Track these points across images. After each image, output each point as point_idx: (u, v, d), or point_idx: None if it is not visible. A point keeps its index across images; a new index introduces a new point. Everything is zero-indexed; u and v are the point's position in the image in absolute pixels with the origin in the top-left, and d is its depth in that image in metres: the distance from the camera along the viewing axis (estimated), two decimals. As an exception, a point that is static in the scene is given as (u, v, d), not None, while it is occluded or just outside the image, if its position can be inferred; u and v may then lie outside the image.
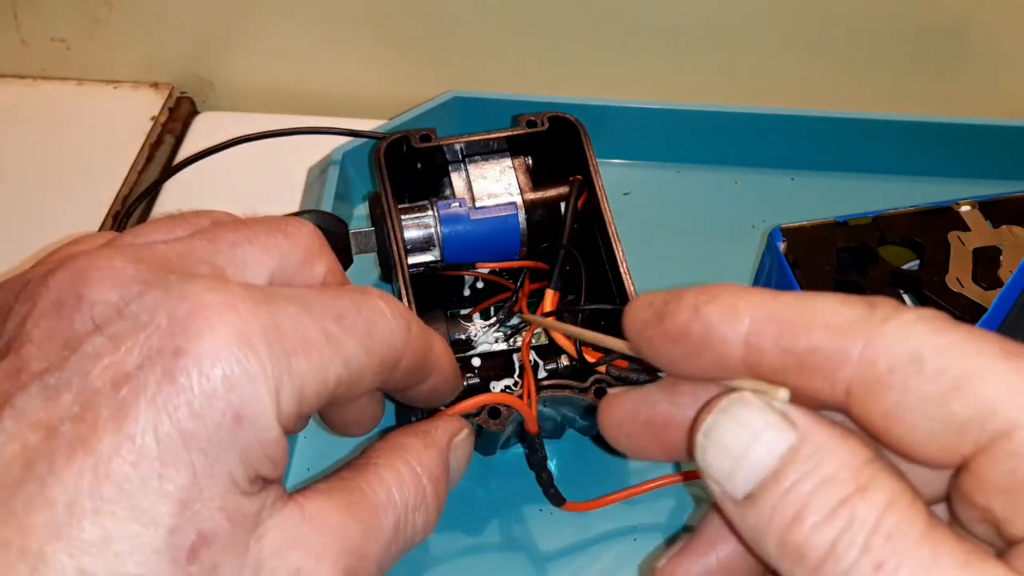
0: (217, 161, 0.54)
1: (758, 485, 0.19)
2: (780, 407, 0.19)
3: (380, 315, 0.24)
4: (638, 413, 0.23)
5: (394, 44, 0.66)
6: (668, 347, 0.21)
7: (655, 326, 0.21)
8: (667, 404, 0.23)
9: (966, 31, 0.63)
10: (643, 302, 0.22)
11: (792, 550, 0.18)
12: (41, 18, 0.66)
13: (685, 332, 0.21)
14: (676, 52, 0.64)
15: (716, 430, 0.20)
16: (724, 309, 0.20)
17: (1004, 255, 0.42)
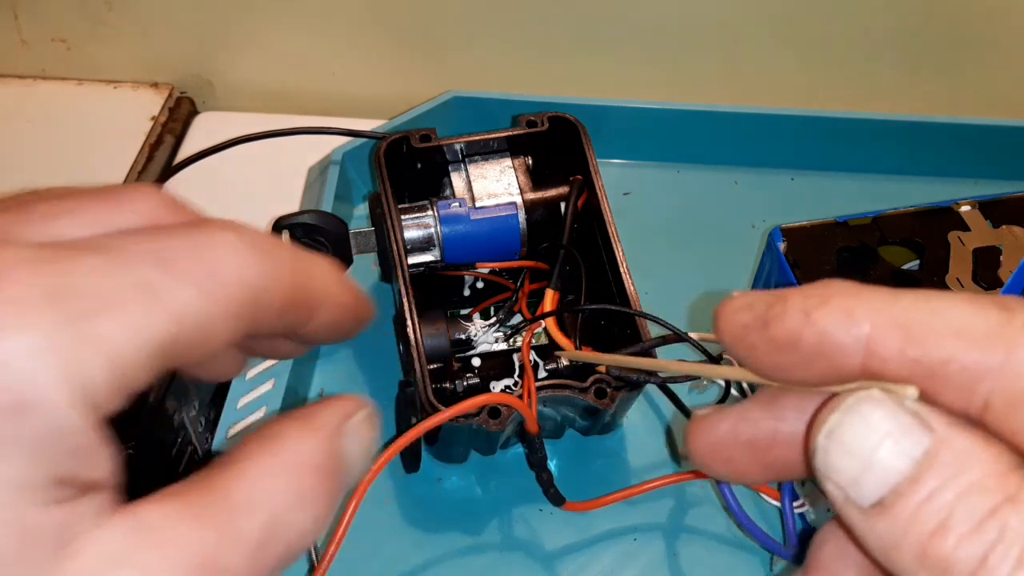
0: (217, 161, 0.54)
1: (891, 492, 0.17)
2: (912, 407, 0.17)
3: (226, 250, 0.20)
4: (738, 433, 0.21)
5: (394, 44, 0.66)
6: (774, 355, 0.19)
7: (758, 332, 0.19)
8: (771, 420, 0.21)
9: (966, 31, 0.63)
10: (741, 303, 0.20)
11: (935, 563, 0.16)
12: (41, 18, 0.66)
13: (795, 340, 0.19)
14: (676, 52, 0.64)
15: (841, 430, 0.18)
16: (839, 314, 0.18)
17: (1004, 255, 0.42)
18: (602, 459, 0.46)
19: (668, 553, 0.42)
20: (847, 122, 0.58)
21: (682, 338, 0.40)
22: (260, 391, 0.43)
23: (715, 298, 0.52)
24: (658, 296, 0.50)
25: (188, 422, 0.41)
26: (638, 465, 0.45)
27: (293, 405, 0.45)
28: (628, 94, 0.60)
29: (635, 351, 0.40)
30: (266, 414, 0.41)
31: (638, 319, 0.41)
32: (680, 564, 0.42)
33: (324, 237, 0.44)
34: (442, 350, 0.43)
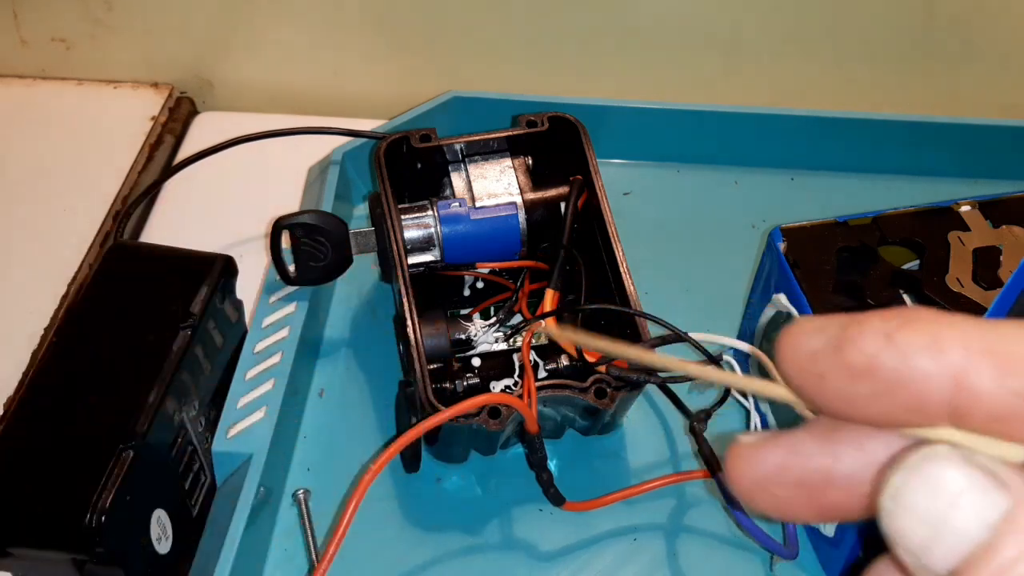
0: (217, 161, 0.54)
1: (965, 561, 0.15)
2: (985, 463, 0.16)
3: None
4: (788, 469, 0.19)
5: (394, 44, 0.66)
6: (847, 384, 0.17)
7: (830, 357, 0.17)
8: (825, 456, 0.18)
9: (966, 31, 0.62)
10: (810, 327, 0.18)
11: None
12: (41, 18, 0.66)
13: (873, 365, 0.16)
14: (676, 52, 0.64)
15: (907, 493, 0.16)
16: (925, 337, 0.16)
17: (1004, 255, 0.42)
18: (602, 459, 0.46)
19: (668, 553, 0.42)
20: (847, 122, 0.58)
21: (682, 338, 0.40)
22: (260, 391, 0.43)
23: (716, 298, 0.52)
24: (658, 296, 0.50)
25: (188, 422, 0.41)
26: (638, 465, 0.45)
27: (293, 405, 0.45)
28: (628, 94, 0.60)
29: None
30: (266, 414, 0.41)
31: (638, 319, 0.41)
32: (680, 564, 0.42)
33: (324, 237, 0.44)
34: (442, 350, 0.43)
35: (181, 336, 0.40)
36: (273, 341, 0.45)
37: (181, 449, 0.40)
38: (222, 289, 0.44)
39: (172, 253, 0.45)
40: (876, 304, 0.40)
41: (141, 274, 0.43)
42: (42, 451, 0.36)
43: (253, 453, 0.40)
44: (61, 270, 0.55)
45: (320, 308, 0.50)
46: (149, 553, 0.37)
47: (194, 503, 0.42)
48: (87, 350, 0.40)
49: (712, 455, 0.39)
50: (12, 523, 0.35)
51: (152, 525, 0.37)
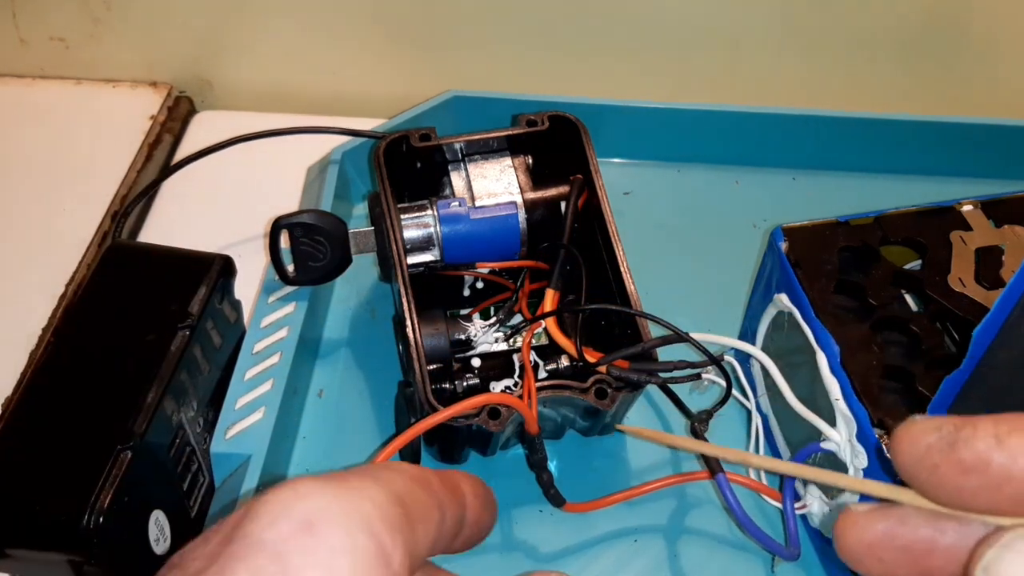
0: (216, 161, 0.54)
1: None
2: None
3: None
4: (895, 537, 0.21)
5: (394, 44, 0.65)
6: (958, 478, 0.19)
7: (944, 453, 0.20)
8: (929, 529, 0.21)
9: (966, 31, 0.62)
10: (925, 427, 0.20)
11: None
12: (40, 18, 0.66)
13: (984, 463, 0.19)
14: (676, 52, 0.64)
15: (998, 566, 0.18)
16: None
17: (1006, 255, 0.41)
18: (602, 460, 0.45)
19: (669, 554, 0.42)
20: (848, 122, 0.58)
21: (683, 338, 0.40)
22: (259, 391, 0.42)
23: (716, 298, 0.52)
24: (658, 296, 0.50)
25: (187, 422, 0.41)
26: (638, 466, 0.45)
27: (292, 405, 0.45)
28: (628, 94, 0.60)
29: (635, 352, 0.40)
30: (265, 414, 0.41)
31: (638, 319, 0.41)
32: (681, 565, 0.42)
33: (323, 237, 0.44)
34: (442, 350, 0.43)
35: (179, 336, 0.40)
36: (272, 341, 0.45)
37: (179, 450, 0.40)
38: (221, 289, 0.44)
39: (170, 253, 0.45)
40: (878, 304, 0.40)
41: (139, 274, 0.43)
42: (40, 452, 0.36)
43: (252, 454, 0.40)
44: (59, 270, 0.55)
45: (319, 308, 0.50)
46: (147, 554, 0.37)
47: (192, 504, 0.41)
48: (85, 350, 0.39)
49: (712, 456, 0.39)
50: (10, 524, 0.34)
51: (150, 526, 0.37)
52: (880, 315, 0.39)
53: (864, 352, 0.38)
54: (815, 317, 0.39)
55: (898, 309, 0.40)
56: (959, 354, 0.37)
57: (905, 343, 0.39)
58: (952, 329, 0.39)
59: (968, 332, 0.31)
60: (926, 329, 0.39)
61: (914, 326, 0.39)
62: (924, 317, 0.39)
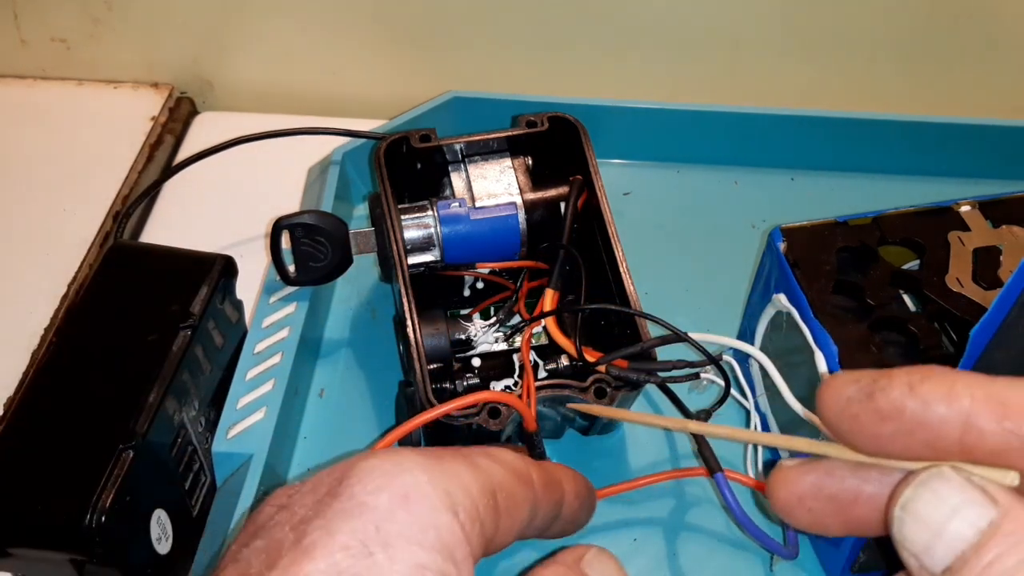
0: (217, 161, 0.54)
1: (958, 559, 0.19)
2: (980, 483, 0.19)
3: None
4: (822, 487, 0.23)
5: (394, 44, 0.66)
6: (876, 425, 0.21)
7: (863, 403, 0.21)
8: (855, 479, 0.22)
9: (966, 31, 0.62)
10: (846, 379, 0.22)
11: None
12: (41, 18, 0.66)
13: (898, 409, 0.20)
14: (676, 52, 0.64)
15: (914, 503, 0.20)
16: (942, 387, 0.20)
17: (1004, 255, 0.41)
18: (602, 459, 0.46)
19: (668, 553, 0.42)
20: (847, 122, 0.58)
21: (682, 338, 0.40)
22: (260, 391, 0.43)
23: (716, 298, 0.52)
24: (658, 296, 0.50)
25: (188, 422, 0.41)
26: (638, 465, 0.45)
27: (293, 405, 0.45)
28: (628, 94, 0.60)
29: (634, 351, 0.40)
30: (266, 414, 0.41)
31: (638, 319, 0.41)
32: (680, 564, 0.42)
33: (324, 237, 0.44)
34: (442, 350, 0.43)
35: (181, 336, 0.40)
36: (273, 341, 0.45)
37: (181, 449, 0.40)
38: (222, 289, 0.44)
39: (172, 253, 0.45)
40: (876, 304, 0.40)
41: (141, 274, 0.43)
42: (42, 451, 0.36)
43: (253, 453, 0.40)
44: (61, 270, 0.56)
45: (320, 308, 0.50)
46: (149, 553, 0.37)
47: (194, 503, 0.42)
48: (87, 350, 0.40)
49: (711, 454, 0.39)
50: (12, 523, 0.35)
51: (152, 525, 0.37)
52: (878, 315, 0.39)
53: (862, 352, 0.38)
54: (813, 317, 0.39)
55: (896, 309, 0.40)
56: (957, 354, 0.37)
57: (903, 343, 0.39)
58: (950, 329, 0.39)
59: (966, 332, 0.31)
60: (924, 329, 0.39)
61: (912, 326, 0.39)
62: (922, 317, 0.39)
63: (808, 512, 0.23)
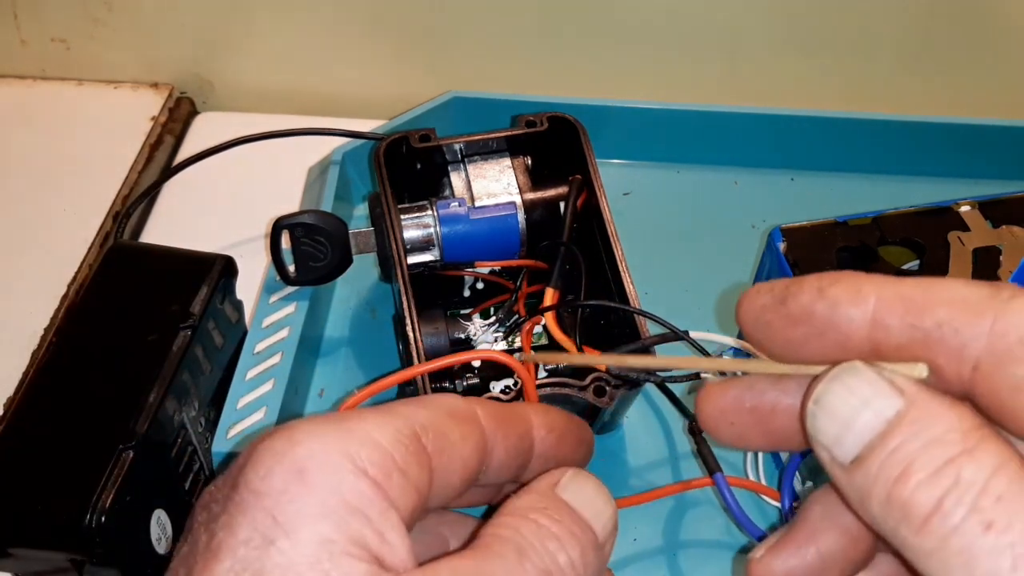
0: (217, 161, 0.54)
1: (865, 447, 0.19)
2: (889, 376, 0.20)
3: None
4: (743, 400, 0.23)
5: (394, 44, 0.66)
6: (788, 329, 0.21)
7: (775, 309, 0.22)
8: (774, 391, 0.23)
9: (966, 31, 0.62)
10: (761, 288, 0.22)
11: (897, 508, 0.18)
12: (41, 18, 0.66)
13: (808, 312, 0.21)
14: (676, 52, 0.64)
15: (826, 397, 0.20)
16: (850, 289, 0.21)
17: (1004, 255, 0.42)
18: (601, 459, 0.45)
19: (668, 554, 0.42)
20: (847, 122, 0.58)
21: (681, 337, 0.40)
22: (260, 391, 0.43)
23: (716, 298, 0.52)
24: (658, 296, 0.50)
25: (188, 422, 0.41)
26: (637, 465, 0.45)
27: (293, 405, 0.45)
28: (628, 94, 0.60)
29: (634, 348, 0.40)
30: (266, 414, 0.41)
31: (637, 317, 0.41)
32: (680, 564, 0.42)
33: (324, 237, 0.44)
34: (442, 350, 0.43)
35: (181, 336, 0.40)
36: (273, 341, 0.45)
37: (181, 449, 0.40)
38: (222, 289, 0.44)
39: (172, 253, 0.45)
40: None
41: (141, 274, 0.43)
42: (42, 451, 0.36)
43: (253, 453, 0.40)
44: (61, 270, 0.56)
45: (320, 308, 0.50)
46: (149, 553, 0.37)
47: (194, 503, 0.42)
48: (87, 350, 0.40)
49: (711, 454, 0.39)
50: (12, 523, 0.35)
51: (152, 525, 0.37)
52: (878, 315, 0.39)
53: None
54: (813, 317, 0.39)
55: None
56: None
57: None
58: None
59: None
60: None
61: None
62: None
63: (731, 425, 0.24)
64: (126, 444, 0.36)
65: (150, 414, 0.37)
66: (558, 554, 0.23)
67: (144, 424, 0.37)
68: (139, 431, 0.36)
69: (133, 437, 0.36)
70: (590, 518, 0.24)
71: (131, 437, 0.36)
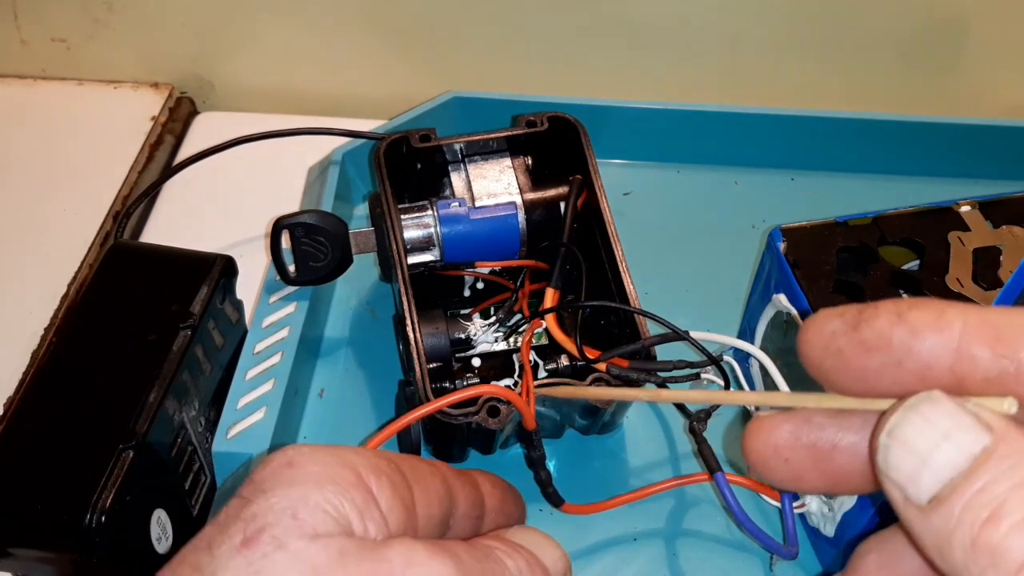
0: (217, 161, 0.54)
1: (946, 487, 0.17)
2: (973, 409, 0.18)
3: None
4: (800, 437, 0.21)
5: (394, 44, 0.66)
6: (862, 357, 0.19)
7: (847, 335, 0.20)
8: (835, 427, 0.21)
9: (965, 31, 0.62)
10: (829, 314, 0.20)
11: (985, 552, 0.16)
12: (41, 18, 0.66)
13: (886, 339, 0.19)
14: (676, 52, 0.64)
15: (902, 429, 0.18)
16: (932, 314, 0.19)
17: (1004, 255, 0.42)
18: (602, 459, 0.46)
19: (668, 554, 0.42)
20: (847, 122, 0.58)
21: (682, 337, 0.40)
22: (260, 391, 0.43)
23: (716, 298, 0.52)
24: (658, 296, 0.50)
25: (188, 422, 0.41)
26: (638, 465, 0.45)
27: (293, 405, 0.45)
28: (628, 94, 0.60)
29: (635, 348, 0.40)
30: (266, 414, 0.41)
31: (638, 317, 0.41)
32: (680, 564, 0.42)
33: (324, 237, 0.45)
34: (442, 350, 0.43)
35: (181, 336, 0.40)
36: (273, 341, 0.45)
37: (181, 449, 0.40)
38: (222, 289, 0.44)
39: (172, 253, 0.45)
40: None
41: (141, 274, 0.43)
42: (42, 451, 0.36)
43: (253, 453, 0.40)
44: (61, 270, 0.56)
45: (320, 308, 0.50)
46: (149, 553, 0.37)
47: (194, 503, 0.42)
48: (87, 350, 0.40)
49: (711, 455, 0.39)
50: (12, 523, 0.35)
51: (152, 525, 0.37)
52: (878, 315, 0.39)
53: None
54: (813, 317, 0.39)
55: (896, 309, 0.40)
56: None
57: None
58: (950, 329, 0.39)
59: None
60: (924, 329, 0.39)
61: (912, 326, 0.39)
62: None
63: (785, 463, 0.22)
64: (126, 444, 0.36)
65: (150, 414, 0.37)
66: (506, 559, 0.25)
67: (144, 424, 0.37)
68: (139, 431, 0.36)
69: (133, 437, 0.36)
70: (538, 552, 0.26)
71: (131, 437, 0.36)
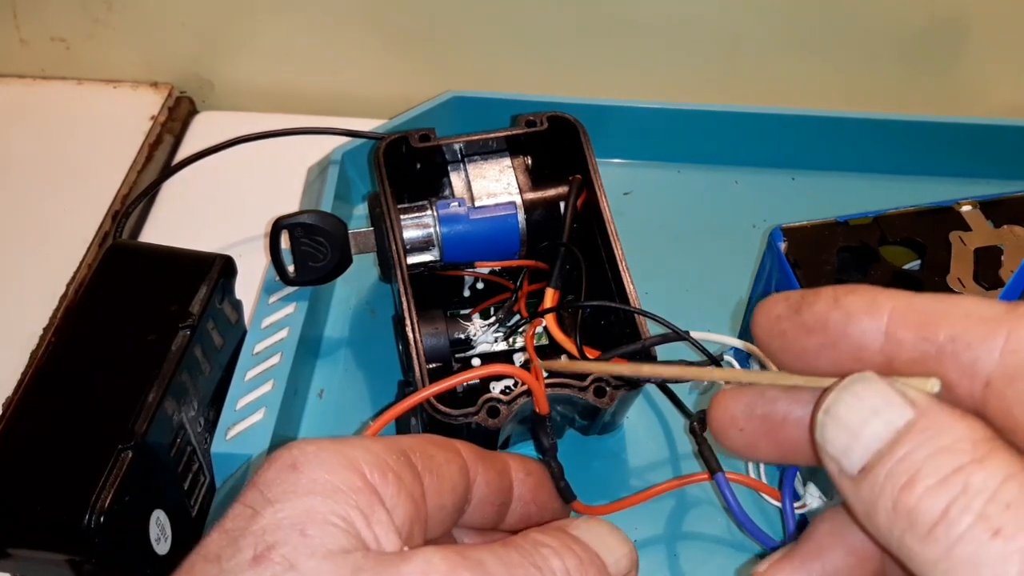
0: (217, 161, 0.54)
1: (873, 457, 0.19)
2: (900, 388, 0.19)
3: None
4: (754, 408, 0.23)
5: (394, 44, 0.66)
6: (803, 338, 0.21)
7: (790, 318, 0.22)
8: (786, 401, 0.23)
9: (965, 31, 0.62)
10: (776, 298, 0.22)
11: (902, 516, 0.18)
12: (41, 18, 0.66)
13: (823, 321, 0.21)
14: (676, 52, 0.64)
15: (836, 407, 0.20)
16: (865, 300, 0.21)
17: (1005, 255, 0.41)
18: (602, 459, 0.46)
19: (668, 553, 0.42)
20: (847, 122, 0.58)
21: (682, 337, 0.40)
22: (260, 392, 0.43)
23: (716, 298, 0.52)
24: (658, 296, 0.50)
25: (188, 422, 0.41)
26: (638, 465, 0.45)
27: (292, 406, 0.45)
28: (628, 94, 0.60)
29: (635, 349, 0.40)
30: (265, 415, 0.41)
31: (638, 317, 0.41)
32: (680, 564, 0.42)
33: (324, 237, 0.44)
34: (442, 350, 0.43)
35: (180, 336, 0.40)
36: (273, 342, 0.45)
37: (180, 449, 0.40)
38: (221, 289, 0.44)
39: (171, 253, 0.45)
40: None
41: (140, 274, 0.43)
42: (41, 452, 0.36)
43: (253, 454, 0.40)
44: (60, 270, 0.55)
45: (319, 308, 0.50)
46: (148, 554, 0.37)
47: (193, 504, 0.41)
48: (86, 350, 0.39)
49: (712, 455, 0.39)
50: (11, 524, 0.35)
51: (151, 526, 0.37)
52: (879, 315, 0.39)
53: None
54: (814, 317, 0.39)
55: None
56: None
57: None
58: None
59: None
60: (925, 329, 0.39)
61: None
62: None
63: (740, 432, 0.24)
64: (125, 444, 0.36)
65: (149, 414, 0.37)
66: (551, 558, 0.23)
67: (143, 424, 0.37)
68: (138, 431, 0.36)
69: (132, 437, 0.36)
70: (598, 548, 0.25)
71: (130, 437, 0.36)
